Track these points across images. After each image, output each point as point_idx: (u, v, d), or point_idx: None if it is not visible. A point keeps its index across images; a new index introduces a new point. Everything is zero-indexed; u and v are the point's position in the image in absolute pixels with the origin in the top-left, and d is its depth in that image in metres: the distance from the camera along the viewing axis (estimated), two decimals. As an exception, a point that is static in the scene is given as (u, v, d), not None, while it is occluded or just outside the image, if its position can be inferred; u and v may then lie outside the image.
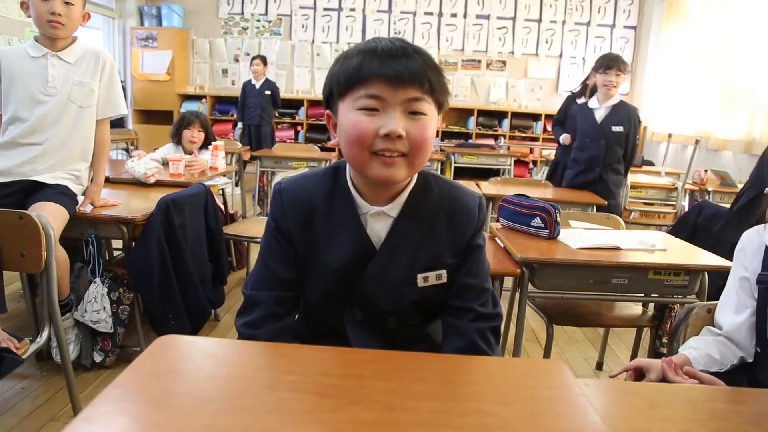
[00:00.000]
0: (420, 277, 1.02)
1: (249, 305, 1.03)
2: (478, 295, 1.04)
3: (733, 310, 1.20)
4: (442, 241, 1.02)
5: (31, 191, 2.00)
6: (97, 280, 2.09)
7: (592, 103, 3.29)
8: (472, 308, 1.03)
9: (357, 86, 0.90)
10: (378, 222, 1.01)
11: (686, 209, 4.05)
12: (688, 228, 2.91)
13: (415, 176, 1.03)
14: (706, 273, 1.79)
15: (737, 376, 1.16)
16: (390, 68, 0.88)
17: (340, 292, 1.04)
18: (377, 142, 0.90)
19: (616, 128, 3.18)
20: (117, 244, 2.84)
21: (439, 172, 5.48)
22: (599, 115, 3.23)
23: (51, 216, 1.81)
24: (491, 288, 1.08)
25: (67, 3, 1.94)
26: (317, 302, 1.07)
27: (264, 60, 5.85)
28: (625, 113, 3.20)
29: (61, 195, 1.99)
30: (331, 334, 1.06)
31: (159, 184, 2.69)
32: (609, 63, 3.11)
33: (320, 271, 1.02)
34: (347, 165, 1.02)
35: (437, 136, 7.35)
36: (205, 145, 3.31)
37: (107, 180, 2.42)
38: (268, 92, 5.78)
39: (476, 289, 1.04)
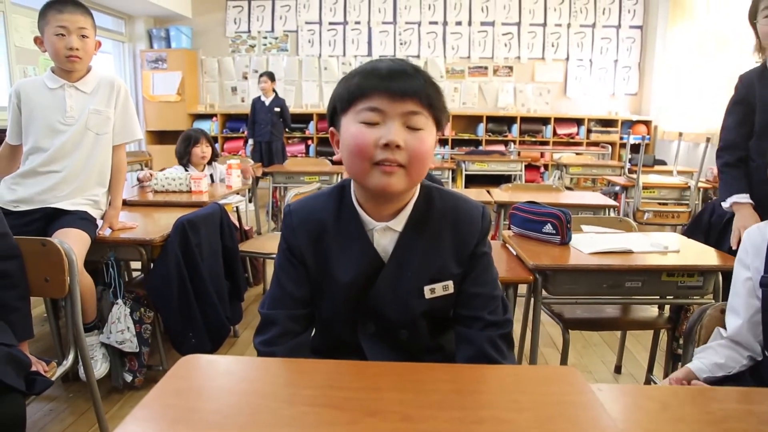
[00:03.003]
0: (427, 288, 1.04)
1: (265, 324, 1.06)
2: (486, 303, 1.06)
3: (737, 312, 1.20)
4: (447, 252, 1.05)
5: (52, 218, 2.06)
6: (119, 301, 2.13)
7: None
8: (481, 317, 1.05)
9: (359, 100, 0.95)
10: (384, 237, 1.05)
11: (699, 208, 4.02)
12: (702, 227, 2.89)
13: (418, 190, 1.06)
14: (720, 273, 1.79)
15: (743, 378, 1.16)
16: (391, 84, 0.93)
17: (351, 307, 1.06)
18: (377, 152, 0.94)
19: None
20: (136, 265, 2.89)
21: (450, 180, 5.54)
22: None
23: (74, 242, 1.86)
24: (500, 294, 1.09)
25: (83, 36, 2.01)
26: (331, 317, 1.10)
27: (271, 76, 5.93)
28: None
29: (82, 221, 2.05)
30: (347, 348, 1.09)
31: (174, 204, 2.75)
32: None
33: (332, 287, 1.05)
34: (351, 183, 1.06)
35: (446, 144, 7.39)
36: (211, 161, 3.38)
37: (124, 203, 2.47)
38: (277, 109, 5.85)
39: (484, 298, 1.06)
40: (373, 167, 0.95)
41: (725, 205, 2.01)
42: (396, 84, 0.93)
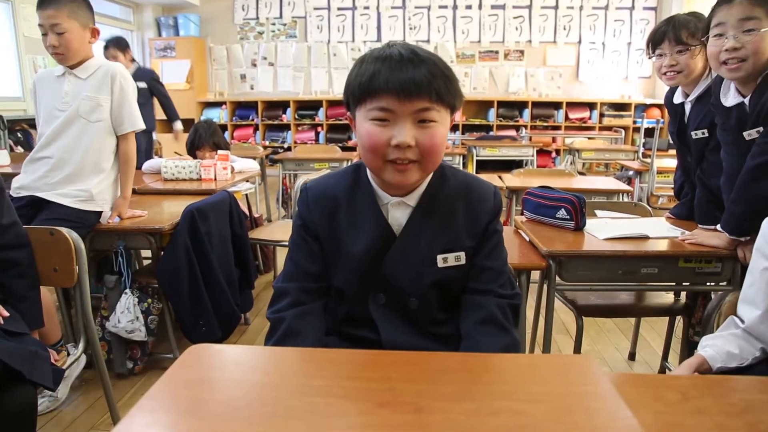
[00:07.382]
0: (440, 258, 1.08)
1: (278, 295, 1.11)
2: (497, 277, 1.10)
3: (754, 303, 1.15)
4: (460, 226, 1.09)
5: (39, 207, 2.04)
6: (128, 291, 2.13)
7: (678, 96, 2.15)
8: (491, 289, 1.09)
9: (369, 98, 0.97)
10: (398, 211, 1.09)
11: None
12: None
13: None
14: (738, 260, 1.75)
15: (760, 367, 1.12)
16: (397, 82, 0.94)
17: (363, 278, 1.09)
18: (389, 151, 0.98)
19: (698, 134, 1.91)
20: (146, 253, 2.89)
21: (461, 166, 5.50)
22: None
23: None
24: (509, 271, 1.15)
25: (59, 34, 1.98)
26: (344, 288, 1.13)
27: (118, 43, 4.15)
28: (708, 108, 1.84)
29: (62, 221, 1.91)
30: (360, 319, 1.12)
31: (183, 192, 2.74)
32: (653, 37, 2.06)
33: (344, 258, 1.09)
34: None
35: (457, 129, 7.32)
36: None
37: (133, 191, 2.46)
38: (142, 85, 4.17)
39: (495, 272, 1.11)
40: (386, 164, 0.99)
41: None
42: (403, 82, 0.93)
